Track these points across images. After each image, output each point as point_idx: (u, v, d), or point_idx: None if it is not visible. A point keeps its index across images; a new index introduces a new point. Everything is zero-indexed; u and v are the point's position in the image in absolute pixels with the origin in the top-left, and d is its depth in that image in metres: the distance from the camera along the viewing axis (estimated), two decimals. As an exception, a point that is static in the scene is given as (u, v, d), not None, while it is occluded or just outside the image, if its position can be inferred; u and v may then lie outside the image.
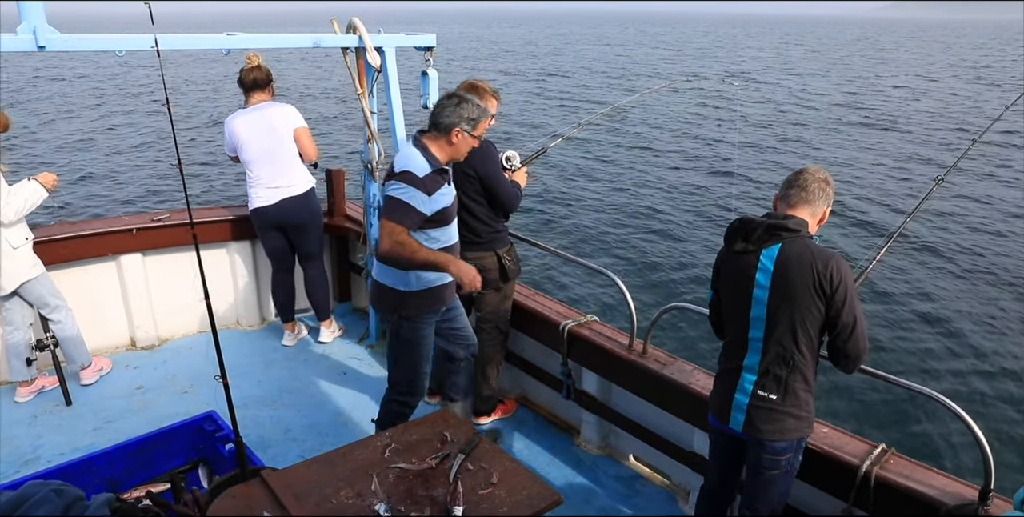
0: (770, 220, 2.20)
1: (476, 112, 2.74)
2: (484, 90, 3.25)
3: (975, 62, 39.18)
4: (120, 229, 4.10)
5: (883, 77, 30.05)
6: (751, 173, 12.99)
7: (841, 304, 2.09)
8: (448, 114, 2.71)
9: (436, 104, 2.79)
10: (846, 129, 17.53)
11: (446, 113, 2.71)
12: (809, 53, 44.58)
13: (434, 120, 2.75)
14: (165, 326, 4.44)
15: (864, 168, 13.44)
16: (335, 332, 4.51)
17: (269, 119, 3.94)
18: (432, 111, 2.80)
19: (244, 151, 3.98)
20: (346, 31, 3.49)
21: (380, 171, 3.94)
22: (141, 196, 11.35)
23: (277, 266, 4.28)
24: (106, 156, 14.05)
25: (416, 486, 2.05)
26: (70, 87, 24.97)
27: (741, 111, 19.02)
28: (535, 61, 37.24)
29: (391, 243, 2.58)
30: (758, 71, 31.62)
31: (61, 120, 18.00)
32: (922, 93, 24.79)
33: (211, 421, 2.73)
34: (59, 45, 2.69)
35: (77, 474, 2.44)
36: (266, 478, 2.04)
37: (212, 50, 3.17)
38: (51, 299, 3.68)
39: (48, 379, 3.83)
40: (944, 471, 2.28)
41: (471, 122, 2.74)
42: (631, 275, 8.02)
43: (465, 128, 2.73)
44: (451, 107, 2.72)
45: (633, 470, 3.31)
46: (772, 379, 2.19)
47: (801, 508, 2.55)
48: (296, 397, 3.86)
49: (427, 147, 2.74)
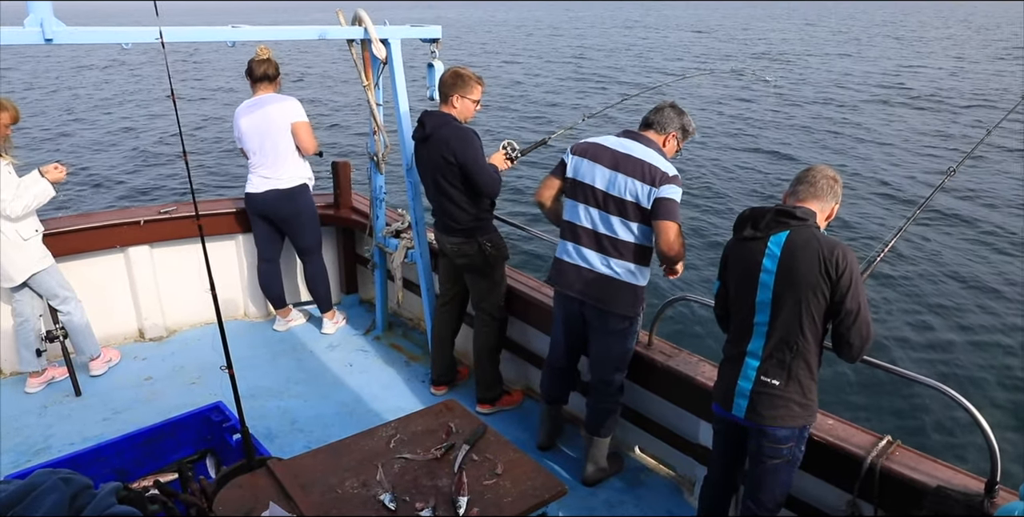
0: (779, 208, 2.23)
1: (691, 127, 2.92)
2: (469, 77, 3.28)
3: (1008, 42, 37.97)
4: (128, 221, 4.12)
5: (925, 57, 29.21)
6: (761, 168, 12.92)
7: (846, 290, 2.10)
8: (670, 119, 2.84)
9: (655, 109, 2.89)
10: (873, 120, 17.38)
11: (668, 117, 2.84)
12: (838, 35, 43.50)
13: (655, 119, 2.86)
14: (173, 317, 4.47)
15: (895, 148, 13.29)
16: (338, 323, 4.54)
17: (268, 112, 3.97)
18: (651, 112, 2.88)
19: (243, 142, 4.08)
20: (351, 23, 3.48)
21: (385, 163, 3.95)
22: (151, 188, 11.39)
23: (260, 255, 4.34)
24: (115, 147, 14.10)
25: (421, 476, 2.06)
26: (77, 77, 25.06)
27: (767, 103, 18.80)
28: (562, 42, 36.91)
29: (681, 243, 2.67)
30: (788, 56, 30.91)
31: (70, 112, 18.07)
32: (958, 74, 24.26)
33: (218, 412, 2.74)
34: (65, 38, 2.69)
35: (86, 464, 2.46)
36: (272, 468, 2.06)
37: (217, 42, 3.17)
38: (60, 291, 3.70)
39: (58, 370, 3.87)
40: (950, 463, 2.27)
41: (685, 133, 2.90)
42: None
43: (679, 136, 2.89)
44: (674, 114, 2.86)
45: (638, 461, 3.32)
46: (775, 364, 2.20)
47: (807, 500, 2.55)
48: (302, 388, 3.89)
49: (660, 148, 2.82)
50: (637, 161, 2.70)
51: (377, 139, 3.87)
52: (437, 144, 3.22)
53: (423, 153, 3.33)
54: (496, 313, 3.54)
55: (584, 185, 2.80)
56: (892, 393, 5.47)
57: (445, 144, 3.19)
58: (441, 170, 3.25)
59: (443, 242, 3.49)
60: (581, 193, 2.81)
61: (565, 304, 2.99)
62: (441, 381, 3.83)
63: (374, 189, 4.07)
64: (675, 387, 2.92)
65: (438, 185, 3.30)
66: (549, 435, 3.36)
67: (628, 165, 2.71)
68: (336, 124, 16.47)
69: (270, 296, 4.45)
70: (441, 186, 3.29)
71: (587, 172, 2.78)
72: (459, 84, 3.26)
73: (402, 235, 4.10)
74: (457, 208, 3.30)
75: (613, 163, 2.74)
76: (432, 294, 3.95)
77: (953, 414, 5.07)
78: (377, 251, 4.25)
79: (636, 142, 2.77)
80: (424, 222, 3.86)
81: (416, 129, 3.34)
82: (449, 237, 3.41)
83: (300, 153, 4.09)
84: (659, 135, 2.84)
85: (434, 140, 3.23)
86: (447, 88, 3.27)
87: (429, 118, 3.27)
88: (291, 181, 4.07)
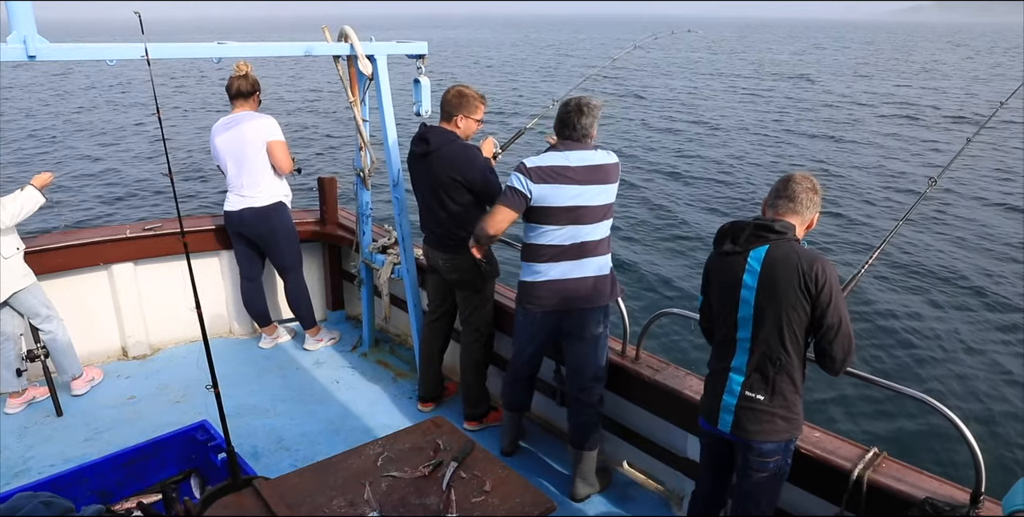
0: (758, 222, 2.23)
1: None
2: (472, 97, 3.30)
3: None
4: (112, 238, 4.08)
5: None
6: (747, 179, 13.05)
7: (826, 305, 2.11)
8: (591, 123, 2.84)
9: (565, 115, 2.85)
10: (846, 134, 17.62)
11: (588, 122, 2.83)
12: (849, 58, 43.78)
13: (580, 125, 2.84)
14: (157, 335, 4.42)
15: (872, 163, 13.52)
16: (321, 341, 4.50)
17: (243, 131, 3.95)
18: (564, 119, 2.86)
19: (219, 160, 4.08)
20: (337, 39, 3.50)
21: (371, 178, 3.95)
22: (134, 205, 11.31)
23: (241, 273, 4.32)
24: (98, 163, 14.01)
25: (409, 494, 2.05)
26: (63, 92, 24.92)
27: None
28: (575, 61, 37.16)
29: None
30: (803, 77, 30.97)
31: (51, 128, 17.95)
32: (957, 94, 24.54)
33: (203, 431, 2.72)
34: (49, 54, 2.68)
35: (67, 485, 2.42)
36: (258, 487, 2.04)
37: (203, 59, 3.17)
38: (42, 309, 3.66)
39: (39, 390, 3.81)
40: (936, 474, 2.29)
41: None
42: (623, 279, 8.03)
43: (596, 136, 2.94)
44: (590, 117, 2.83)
45: (627, 476, 3.31)
46: (759, 379, 2.20)
47: (794, 512, 2.55)
48: (289, 406, 3.85)
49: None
50: (598, 168, 2.78)
51: (364, 155, 3.88)
52: (442, 161, 3.22)
53: (422, 168, 3.33)
54: (484, 328, 3.53)
55: (551, 209, 2.78)
56: (878, 405, 5.50)
57: (451, 162, 3.20)
58: (444, 187, 3.24)
59: (434, 258, 3.48)
60: (552, 216, 2.80)
61: (540, 319, 2.99)
62: (428, 398, 3.81)
63: (360, 205, 4.07)
64: (662, 401, 2.92)
65: (439, 201, 3.29)
66: (512, 442, 3.44)
67: (594, 174, 2.78)
68: (326, 138, 16.46)
69: (254, 314, 4.41)
70: (443, 202, 3.28)
71: (553, 196, 2.76)
72: (464, 104, 3.29)
73: (389, 251, 4.09)
74: (455, 224, 3.30)
75: (576, 177, 2.76)
76: (419, 310, 3.94)
77: (939, 425, 5.10)
78: (364, 267, 4.24)
79: (582, 150, 2.80)
80: (411, 238, 3.86)
81: (417, 143, 3.31)
82: (443, 253, 3.39)
83: (276, 171, 4.08)
84: (586, 138, 2.86)
85: (438, 157, 3.23)
86: (451, 107, 3.29)
87: (432, 134, 3.25)
88: (267, 199, 4.05)
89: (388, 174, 3.75)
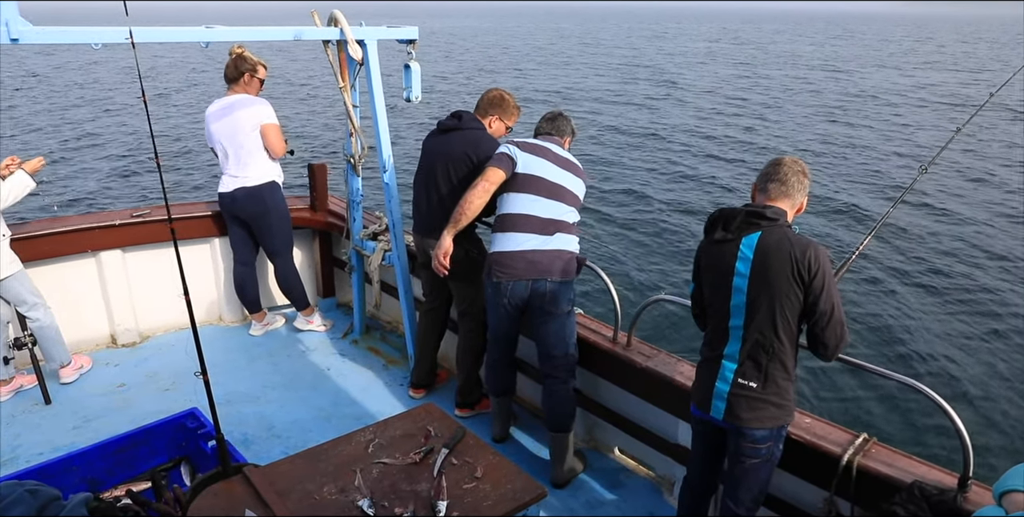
0: (749, 208, 2.22)
1: (576, 129, 3.36)
2: (511, 104, 3.47)
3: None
4: (100, 225, 4.04)
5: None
6: (739, 163, 13.05)
7: (819, 291, 2.11)
8: (565, 124, 3.25)
9: (550, 118, 3.26)
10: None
11: (563, 123, 3.25)
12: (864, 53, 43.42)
13: (555, 127, 3.24)
14: (146, 323, 4.39)
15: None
16: (312, 322, 4.49)
17: (237, 115, 3.93)
18: (547, 121, 3.25)
19: (213, 143, 4.06)
20: (327, 24, 3.45)
21: (362, 165, 3.92)
22: (123, 192, 11.21)
23: (235, 258, 4.30)
24: (85, 150, 13.86)
25: (400, 481, 2.04)
26: (48, 79, 24.60)
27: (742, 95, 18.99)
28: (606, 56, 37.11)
29: None
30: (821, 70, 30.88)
31: (37, 114, 17.74)
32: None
33: (193, 418, 2.70)
34: (32, 38, 2.63)
35: (55, 474, 2.41)
36: (248, 475, 2.03)
37: (191, 43, 3.12)
38: (29, 297, 3.62)
39: (26, 378, 3.78)
40: (925, 459, 2.31)
41: (573, 135, 3.30)
42: (615, 267, 8.04)
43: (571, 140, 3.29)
44: (565, 121, 3.25)
45: (618, 462, 3.32)
46: (752, 367, 2.20)
47: (785, 498, 2.56)
48: (279, 393, 3.84)
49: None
50: (572, 163, 3.08)
51: (354, 141, 3.84)
52: (465, 138, 3.31)
53: (440, 142, 3.37)
54: (481, 317, 3.51)
55: (534, 178, 2.99)
56: (869, 391, 5.55)
57: (474, 140, 3.29)
58: (454, 161, 3.30)
59: (426, 245, 3.45)
60: (534, 186, 2.98)
61: (511, 290, 2.99)
62: (421, 384, 3.80)
63: (351, 191, 4.04)
64: (654, 388, 2.93)
65: (446, 176, 3.33)
66: (503, 428, 3.45)
67: (569, 165, 3.07)
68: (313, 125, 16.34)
69: (245, 300, 4.39)
70: (448, 177, 3.32)
71: (537, 167, 3.00)
72: (501, 107, 3.41)
73: (379, 238, 4.07)
74: (453, 203, 3.25)
75: (556, 160, 3.04)
76: (410, 297, 3.92)
77: (927, 411, 5.15)
78: (354, 254, 4.22)
79: (559, 146, 3.13)
80: (401, 224, 3.84)
81: (448, 119, 3.39)
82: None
83: (269, 154, 4.06)
84: (563, 139, 3.22)
85: (462, 134, 3.32)
86: (488, 106, 3.41)
87: (467, 116, 3.38)
88: (259, 179, 4.03)
89: (378, 160, 3.72)
